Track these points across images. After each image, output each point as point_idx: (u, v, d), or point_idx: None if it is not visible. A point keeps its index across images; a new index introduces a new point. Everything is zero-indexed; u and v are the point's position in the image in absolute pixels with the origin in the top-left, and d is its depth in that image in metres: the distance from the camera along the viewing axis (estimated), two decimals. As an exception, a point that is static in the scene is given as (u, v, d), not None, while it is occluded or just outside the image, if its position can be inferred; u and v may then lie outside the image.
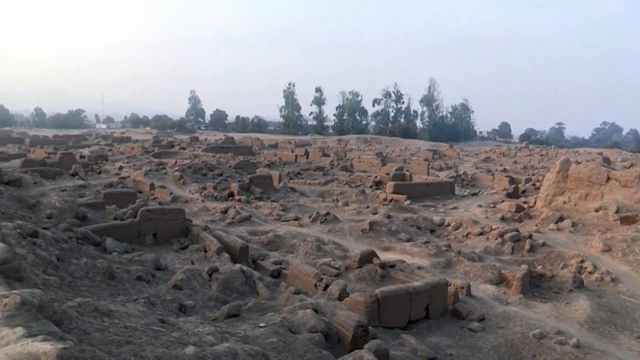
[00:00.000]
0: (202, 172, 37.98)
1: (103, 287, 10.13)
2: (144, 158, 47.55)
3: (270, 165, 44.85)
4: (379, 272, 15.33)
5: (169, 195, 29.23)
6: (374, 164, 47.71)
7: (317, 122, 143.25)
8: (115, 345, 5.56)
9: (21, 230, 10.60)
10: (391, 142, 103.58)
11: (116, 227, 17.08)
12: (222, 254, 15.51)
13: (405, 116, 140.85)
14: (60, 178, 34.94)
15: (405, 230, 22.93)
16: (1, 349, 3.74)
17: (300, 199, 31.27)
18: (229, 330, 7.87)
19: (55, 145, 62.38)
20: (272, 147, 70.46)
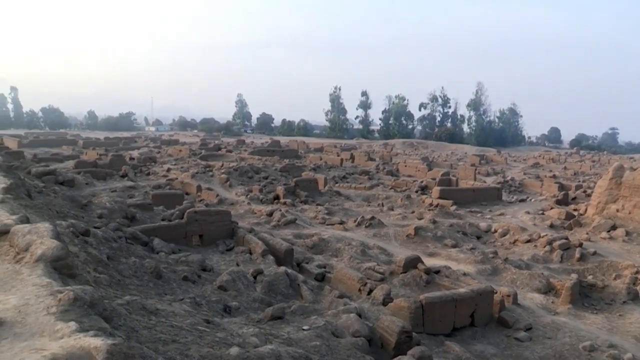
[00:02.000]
0: (248, 175, 38.33)
1: (150, 286, 10.33)
2: (191, 160, 48.29)
3: (315, 169, 44.95)
4: (423, 278, 15.20)
5: (216, 197, 29.61)
6: (420, 169, 47.30)
7: (363, 126, 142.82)
8: (162, 343, 5.67)
9: (74, 229, 10.91)
10: (437, 147, 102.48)
11: (164, 228, 17.37)
12: (267, 257, 15.61)
13: (452, 120, 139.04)
14: (111, 179, 35.79)
15: (451, 236, 22.66)
16: (56, 341, 3.87)
17: (345, 203, 31.24)
18: (272, 332, 7.92)
19: (107, 147, 63.99)
20: (317, 151, 70.55)
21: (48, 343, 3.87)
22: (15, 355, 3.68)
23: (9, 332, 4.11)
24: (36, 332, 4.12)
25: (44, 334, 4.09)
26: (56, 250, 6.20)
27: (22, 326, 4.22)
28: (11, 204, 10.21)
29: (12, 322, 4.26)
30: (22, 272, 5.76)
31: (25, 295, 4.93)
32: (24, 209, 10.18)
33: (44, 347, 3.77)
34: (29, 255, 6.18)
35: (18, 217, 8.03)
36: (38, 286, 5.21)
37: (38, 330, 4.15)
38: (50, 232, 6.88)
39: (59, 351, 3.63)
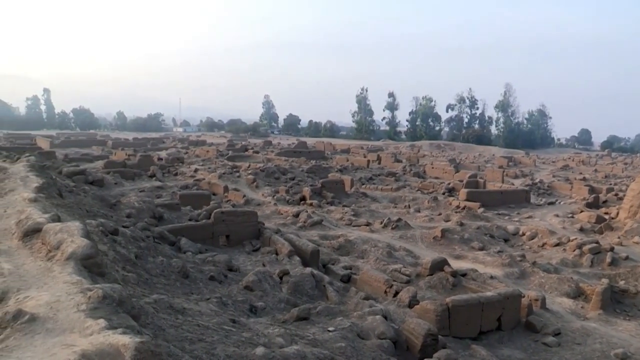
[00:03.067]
0: (274, 176, 38.46)
1: (177, 286, 10.44)
2: (218, 161, 48.65)
3: (342, 170, 44.91)
4: (450, 281, 15.08)
5: (242, 198, 29.77)
6: (447, 171, 46.96)
7: (390, 127, 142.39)
8: (189, 342, 5.73)
9: (103, 228, 11.08)
10: (465, 149, 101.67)
11: (191, 228, 17.52)
12: (293, 257, 15.65)
13: (480, 122, 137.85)
14: (139, 179, 36.23)
15: (478, 239, 22.44)
16: (86, 338, 3.95)
17: (371, 205, 31.16)
18: (298, 333, 7.94)
19: (135, 148, 64.79)
20: (344, 152, 70.52)
21: (78, 339, 3.94)
22: (47, 350, 3.76)
23: (42, 327, 4.19)
24: (67, 328, 4.20)
25: (75, 330, 4.17)
26: (86, 248, 6.31)
27: (53, 322, 4.31)
28: (43, 203, 10.40)
29: (45, 318, 4.35)
30: (53, 270, 5.87)
31: (57, 292, 5.03)
32: (55, 208, 10.37)
33: (74, 343, 3.84)
34: (60, 253, 6.30)
35: (50, 215, 8.18)
36: (69, 283, 5.30)
37: (69, 327, 4.23)
38: (81, 230, 7.00)
39: (88, 347, 3.70)
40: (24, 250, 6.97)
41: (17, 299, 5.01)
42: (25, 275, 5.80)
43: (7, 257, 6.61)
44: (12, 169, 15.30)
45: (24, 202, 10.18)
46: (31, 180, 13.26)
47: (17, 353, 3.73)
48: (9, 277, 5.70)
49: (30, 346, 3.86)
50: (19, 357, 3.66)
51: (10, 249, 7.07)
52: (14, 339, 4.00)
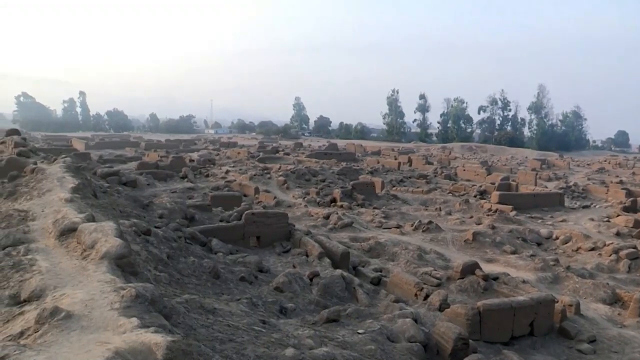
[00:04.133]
0: (305, 178, 38.54)
1: (208, 286, 10.53)
2: (249, 163, 48.95)
3: (373, 172, 44.78)
4: (481, 284, 14.92)
5: (273, 200, 29.89)
6: (478, 173, 46.49)
7: (421, 129, 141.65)
8: (219, 342, 5.77)
9: (136, 228, 11.25)
10: (497, 151, 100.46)
11: (222, 229, 17.66)
12: (323, 259, 15.66)
13: (512, 124, 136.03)
14: (171, 180, 36.65)
15: (510, 242, 22.13)
16: (119, 335, 4.02)
17: (402, 207, 31.01)
18: (327, 335, 7.94)
19: (167, 149, 65.67)
20: (375, 154, 70.35)
21: (112, 337, 4.01)
22: (83, 346, 3.84)
23: (77, 324, 4.28)
24: (101, 326, 4.28)
25: (108, 328, 4.24)
26: (119, 248, 6.41)
27: (88, 320, 4.39)
28: (79, 203, 10.60)
29: (80, 316, 4.44)
30: (88, 268, 5.98)
31: (91, 290, 5.12)
32: (90, 208, 10.56)
33: (108, 340, 3.91)
34: (95, 252, 6.41)
35: (85, 215, 8.33)
36: (102, 282, 5.39)
37: (102, 325, 4.31)
38: (114, 230, 7.11)
39: (121, 345, 3.76)
40: (60, 249, 7.11)
41: (54, 296, 5.13)
42: (62, 274, 5.92)
43: (44, 256, 6.76)
44: (49, 170, 15.61)
45: (60, 202, 10.39)
46: (67, 181, 13.50)
47: (55, 348, 3.82)
48: (46, 275, 5.83)
49: (67, 342, 3.95)
50: (56, 352, 3.74)
51: (47, 248, 7.22)
52: (51, 335, 4.09)
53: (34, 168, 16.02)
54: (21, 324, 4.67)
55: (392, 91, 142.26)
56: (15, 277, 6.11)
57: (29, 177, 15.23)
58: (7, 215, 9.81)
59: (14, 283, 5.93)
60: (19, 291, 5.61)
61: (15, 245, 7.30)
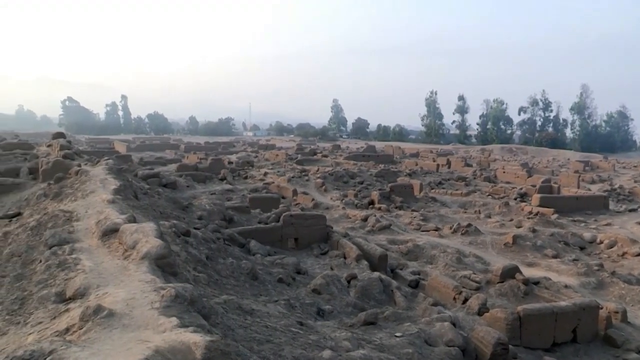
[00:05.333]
0: (343, 180, 38.52)
1: (246, 287, 10.61)
2: (287, 165, 49.15)
3: (411, 174, 44.49)
4: (521, 289, 14.66)
5: (311, 202, 29.96)
6: (519, 175, 45.68)
7: (460, 131, 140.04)
8: (257, 342, 5.81)
9: (176, 229, 11.42)
10: (538, 153, 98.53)
11: (260, 231, 17.78)
12: (361, 261, 15.62)
13: (554, 125, 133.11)
14: (210, 182, 37.08)
15: (551, 246, 21.69)
16: (159, 334, 4.09)
17: (441, 209, 30.72)
18: (365, 338, 7.92)
19: (206, 152, 66.51)
20: (413, 156, 69.86)
21: (152, 336, 4.08)
22: (124, 344, 3.92)
23: (119, 323, 4.38)
24: (141, 325, 4.36)
25: (148, 327, 4.32)
26: (160, 249, 6.52)
27: (129, 318, 4.49)
28: (120, 204, 10.82)
29: (121, 314, 4.54)
30: (129, 268, 6.11)
31: (132, 289, 5.23)
32: (131, 209, 10.77)
33: (148, 339, 3.98)
34: (136, 252, 6.54)
35: (126, 216, 8.51)
36: (143, 282, 5.50)
37: (143, 323, 4.39)
38: (155, 231, 7.24)
39: (161, 344, 3.82)
40: (103, 249, 7.28)
41: (97, 294, 5.26)
42: (104, 273, 6.06)
43: (88, 255, 6.93)
44: (92, 172, 15.99)
45: (103, 203, 10.63)
46: (109, 183, 13.81)
47: (98, 345, 3.91)
48: (89, 274, 5.97)
49: (109, 340, 4.04)
50: (99, 349, 3.83)
51: (90, 248, 7.40)
52: (94, 332, 4.20)
53: (78, 170, 16.43)
54: (67, 320, 4.81)
55: (431, 92, 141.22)
56: (61, 275, 6.30)
57: (74, 178, 15.63)
58: (53, 215, 10.10)
59: (60, 281, 6.11)
60: (65, 289, 5.77)
61: (61, 245, 7.51)
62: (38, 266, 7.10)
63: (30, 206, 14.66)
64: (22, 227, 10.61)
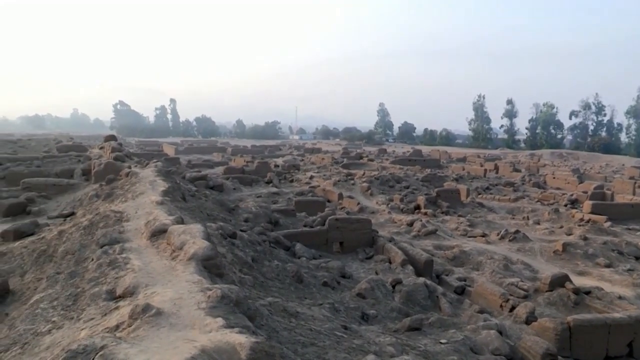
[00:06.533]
0: (389, 184, 38.33)
1: (291, 290, 10.66)
2: (333, 168, 49.22)
3: (458, 179, 43.96)
4: (571, 298, 14.28)
5: (357, 206, 29.91)
6: (569, 181, 44.56)
7: (508, 135, 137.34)
8: (301, 345, 5.83)
9: (222, 231, 11.56)
10: (590, 158, 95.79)
11: (305, 234, 17.85)
12: (406, 266, 15.52)
13: (607, 129, 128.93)
14: (257, 185, 37.46)
15: (604, 255, 21.05)
16: (205, 334, 4.15)
17: (488, 215, 30.24)
18: (409, 343, 7.86)
19: (253, 155, 67.19)
20: (460, 161, 69.04)
21: (198, 335, 4.15)
22: (171, 343, 3.99)
23: (166, 321, 4.46)
24: (188, 324, 4.44)
25: (195, 326, 4.39)
26: (206, 250, 6.62)
27: (176, 318, 4.57)
28: (168, 205, 11.03)
29: (169, 314, 4.62)
30: (177, 269, 6.22)
31: (180, 289, 5.33)
32: (179, 211, 10.96)
33: (194, 338, 4.05)
34: (183, 253, 6.66)
35: (174, 218, 8.67)
36: (190, 282, 5.59)
37: (190, 323, 4.47)
38: (202, 233, 7.35)
39: (207, 344, 3.88)
40: (152, 249, 7.43)
41: (146, 293, 5.37)
42: (152, 272, 6.19)
43: (137, 255, 7.09)
44: (142, 174, 16.36)
45: (152, 205, 10.86)
46: (158, 185, 14.10)
47: (146, 343, 3.99)
48: (138, 273, 6.11)
49: (156, 338, 4.12)
50: (147, 346, 3.91)
51: (139, 247, 7.57)
52: (143, 330, 4.29)
53: (128, 172, 16.84)
54: (117, 317, 4.93)
55: (478, 96, 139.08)
56: (112, 274, 6.46)
57: (124, 180, 16.03)
58: (104, 215, 10.37)
59: (111, 279, 6.27)
60: (115, 287, 5.92)
61: (111, 244, 7.71)
62: (90, 264, 7.31)
63: (83, 206, 15.11)
64: (75, 226, 10.94)
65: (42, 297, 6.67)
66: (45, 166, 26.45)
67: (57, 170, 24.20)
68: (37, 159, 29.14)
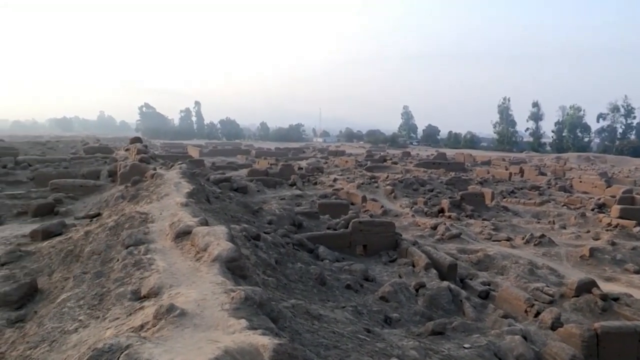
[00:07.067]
0: (413, 187, 38.17)
1: (314, 292, 10.68)
2: (357, 171, 49.12)
3: (482, 183, 43.59)
4: (599, 304, 14.05)
5: (380, 209, 29.84)
6: (597, 185, 43.86)
7: (534, 138, 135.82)
8: (324, 348, 5.83)
9: (246, 233, 11.63)
10: (618, 162, 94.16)
11: (329, 236, 17.86)
12: (429, 270, 15.44)
13: (637, 132, 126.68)
14: (280, 187, 37.57)
15: (633, 260, 20.67)
16: (229, 335, 4.17)
17: (513, 219, 29.95)
18: (432, 348, 7.81)
19: (277, 157, 67.36)
20: (485, 164, 68.46)
21: (222, 336, 4.17)
22: (195, 343, 4.02)
23: (190, 322, 4.50)
24: (212, 325, 4.46)
25: (218, 327, 4.42)
26: (230, 251, 6.66)
27: (200, 318, 4.60)
28: (193, 207, 11.11)
29: (193, 314, 4.66)
30: (201, 270, 6.26)
31: (203, 290, 5.36)
32: (203, 212, 11.04)
33: (218, 339, 4.07)
34: (207, 254, 6.70)
35: (199, 219, 8.72)
36: (214, 284, 5.62)
37: (213, 324, 4.49)
38: (226, 234, 7.39)
39: (230, 345, 3.90)
40: (176, 250, 7.50)
41: (170, 294, 5.42)
42: (177, 273, 6.24)
43: (161, 256, 7.16)
44: (167, 175, 16.51)
45: (176, 206, 10.96)
46: (183, 186, 14.21)
47: (170, 343, 4.03)
48: (163, 274, 6.17)
49: (180, 338, 4.16)
50: (171, 346, 3.95)
51: (164, 248, 7.64)
52: (167, 330, 4.33)
53: (153, 173, 17.02)
54: (141, 317, 4.98)
55: (503, 99, 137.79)
56: (137, 274, 6.53)
57: (149, 181, 16.19)
58: (130, 217, 10.49)
59: (135, 280, 6.34)
60: (140, 288, 5.99)
61: (137, 245, 7.80)
62: (116, 265, 7.40)
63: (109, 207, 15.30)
64: (101, 227, 11.08)
65: (69, 296, 6.77)
66: (73, 167, 26.87)
67: (84, 171, 24.55)
68: (65, 160, 29.61)
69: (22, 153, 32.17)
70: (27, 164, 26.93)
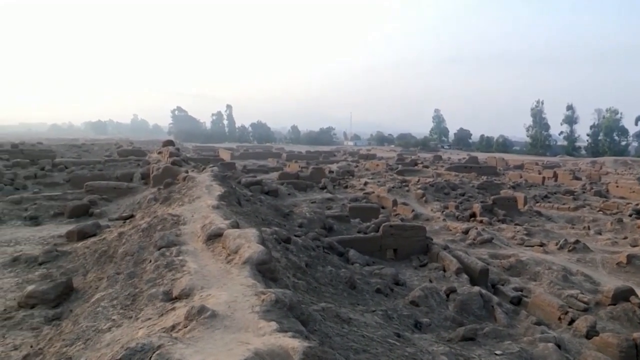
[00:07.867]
0: (444, 191, 37.84)
1: (344, 296, 10.66)
2: (388, 175, 48.92)
3: (515, 187, 42.99)
4: (637, 313, 13.70)
5: (411, 212, 29.66)
6: (635, 190, 42.84)
7: (568, 142, 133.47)
8: (353, 351, 5.82)
9: (277, 236, 11.67)
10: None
11: (359, 240, 17.83)
12: (460, 275, 15.30)
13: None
14: (311, 190, 37.59)
15: (672, 268, 20.15)
16: (259, 337, 4.20)
17: (546, 224, 29.44)
18: (463, 353, 7.73)
19: (308, 160, 67.56)
20: (517, 168, 67.53)
21: (252, 338, 4.19)
22: (225, 344, 4.06)
23: (221, 324, 4.53)
24: (242, 327, 4.49)
25: (249, 329, 4.44)
26: (261, 254, 6.69)
27: (230, 320, 4.63)
28: (224, 210, 11.21)
29: (223, 316, 4.70)
30: (231, 272, 6.31)
31: (234, 292, 5.40)
32: (234, 215, 11.13)
33: (248, 341, 4.09)
34: (238, 257, 6.75)
35: (230, 222, 8.80)
36: (244, 286, 5.66)
37: (243, 326, 4.52)
38: (257, 237, 7.44)
39: (261, 347, 3.91)
40: (207, 252, 7.57)
41: (201, 296, 5.47)
42: (208, 275, 6.30)
43: (193, 258, 7.24)
44: (199, 178, 16.69)
45: (208, 209, 11.06)
46: (214, 189, 14.34)
47: (201, 344, 4.07)
48: (194, 276, 6.23)
49: (211, 339, 4.19)
50: (202, 347, 3.98)
51: (196, 250, 7.72)
52: (198, 331, 4.37)
53: (185, 176, 17.22)
54: (173, 318, 5.05)
55: (537, 102, 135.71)
56: (168, 275, 6.61)
57: (181, 184, 16.40)
58: (162, 219, 10.63)
59: (167, 281, 6.42)
60: (171, 289, 6.06)
61: (169, 247, 7.90)
62: (148, 266, 7.50)
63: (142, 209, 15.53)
64: (134, 228, 11.26)
65: (102, 296, 6.89)
66: (107, 170, 27.37)
67: (118, 173, 24.99)
68: (100, 162, 30.18)
69: (59, 155, 32.90)
70: (64, 166, 27.53)
